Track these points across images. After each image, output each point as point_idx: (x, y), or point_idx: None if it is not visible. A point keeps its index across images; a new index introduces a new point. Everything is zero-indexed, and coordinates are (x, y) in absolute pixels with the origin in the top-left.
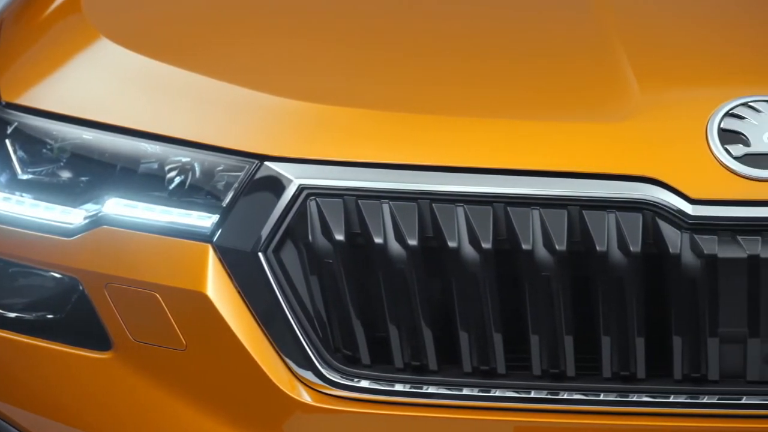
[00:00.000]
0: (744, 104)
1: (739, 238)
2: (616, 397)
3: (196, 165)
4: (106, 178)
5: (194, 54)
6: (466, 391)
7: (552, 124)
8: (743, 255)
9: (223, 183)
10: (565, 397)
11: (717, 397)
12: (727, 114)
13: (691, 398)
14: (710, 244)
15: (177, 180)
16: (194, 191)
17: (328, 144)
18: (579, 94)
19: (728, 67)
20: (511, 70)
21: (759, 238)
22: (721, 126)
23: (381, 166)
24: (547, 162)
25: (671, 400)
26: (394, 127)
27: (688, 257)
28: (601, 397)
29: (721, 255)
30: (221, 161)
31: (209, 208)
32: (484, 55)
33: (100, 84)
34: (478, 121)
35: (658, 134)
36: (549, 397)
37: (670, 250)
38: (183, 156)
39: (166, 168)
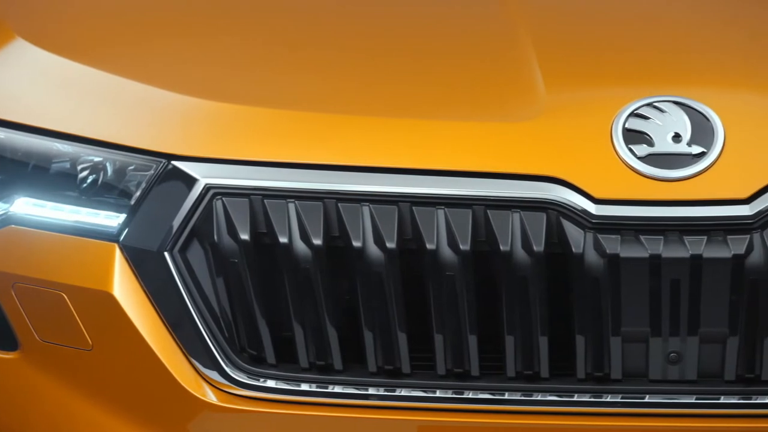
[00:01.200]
0: (649, 104)
1: (642, 237)
2: (520, 396)
3: (107, 165)
4: (17, 178)
5: (108, 54)
6: (371, 391)
7: (458, 124)
8: (645, 255)
9: (133, 183)
10: (470, 396)
11: (620, 396)
12: (632, 114)
13: (595, 397)
14: (613, 244)
15: (89, 179)
16: (105, 191)
17: (236, 143)
18: (486, 93)
19: (635, 67)
20: (419, 68)
21: (661, 237)
22: (626, 126)
23: (287, 165)
24: (452, 162)
25: (575, 399)
26: (300, 127)
27: (592, 257)
28: (506, 396)
29: (623, 255)
30: (132, 161)
31: (117, 208)
32: (394, 54)
33: (12, 83)
34: (385, 120)
35: (563, 134)
36: (454, 396)
37: (574, 249)
38: (95, 156)
39: (78, 167)
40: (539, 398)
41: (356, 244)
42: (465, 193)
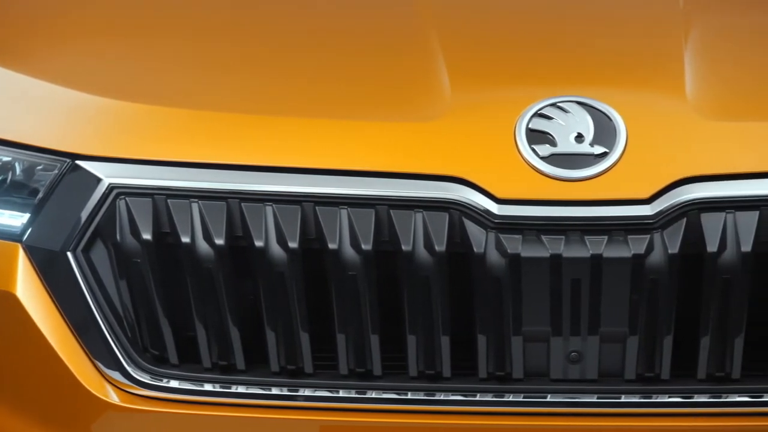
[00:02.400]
0: (552, 104)
1: (543, 237)
2: (423, 396)
3: (16, 164)
4: None
5: (18, 52)
6: (275, 391)
7: (362, 123)
8: (546, 254)
9: (40, 183)
10: (373, 396)
11: (522, 395)
12: (536, 114)
13: (497, 396)
14: (514, 244)
15: None
16: (13, 190)
17: (140, 143)
18: (391, 93)
19: (540, 67)
20: (325, 67)
21: (562, 237)
22: (529, 126)
23: (191, 165)
24: (355, 161)
25: (477, 398)
26: (205, 127)
27: (493, 256)
28: (409, 396)
29: (524, 254)
30: (40, 161)
31: (22, 208)
32: (301, 52)
33: None
34: (288, 120)
35: (467, 134)
36: (356, 396)
37: (475, 249)
38: (3, 155)
39: None
40: (442, 398)
41: (258, 243)
42: (368, 193)
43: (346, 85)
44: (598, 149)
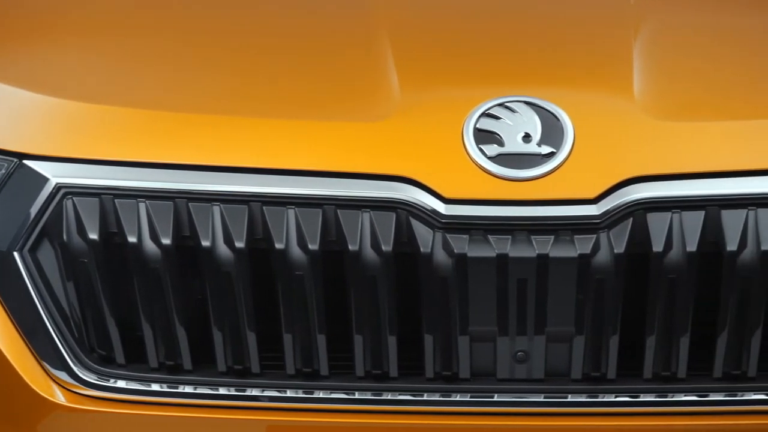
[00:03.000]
0: (500, 104)
1: (490, 237)
2: (370, 395)
3: None
4: None
5: None
6: (222, 391)
7: (311, 123)
8: (492, 254)
9: None
10: (321, 396)
11: (469, 395)
12: (484, 114)
13: (444, 396)
14: (461, 244)
15: None
16: None
17: (87, 143)
18: (340, 93)
19: (489, 67)
20: (276, 66)
21: (509, 237)
22: (477, 126)
23: (139, 165)
24: (303, 161)
25: (424, 398)
26: (153, 126)
27: (440, 256)
28: (356, 396)
29: (471, 254)
30: None
31: None
32: (252, 51)
33: None
34: (237, 119)
35: (415, 134)
36: (304, 396)
37: (422, 249)
38: None
39: None
40: (389, 398)
41: (205, 243)
42: (315, 192)
43: (296, 85)
44: (546, 149)
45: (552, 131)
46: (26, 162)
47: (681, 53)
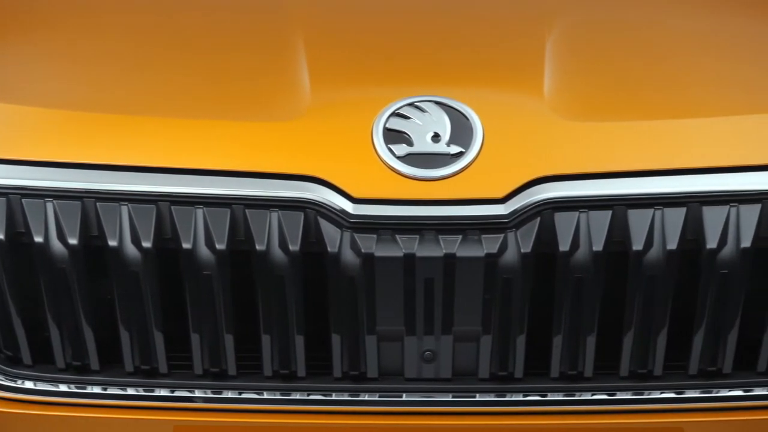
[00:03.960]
0: (410, 104)
1: (398, 237)
2: (279, 395)
3: None
4: None
5: None
6: (130, 391)
7: (221, 123)
8: (399, 254)
9: None
10: (229, 396)
11: (378, 394)
12: (394, 114)
13: (353, 396)
14: (368, 243)
15: None
16: None
17: None
18: (252, 92)
19: (401, 68)
20: (187, 66)
21: (417, 236)
22: (387, 126)
23: (46, 164)
24: (212, 161)
25: (333, 398)
26: (59, 126)
27: (348, 256)
28: (264, 396)
29: (378, 254)
30: None
31: None
32: (164, 51)
33: None
34: (144, 119)
35: (325, 134)
36: (212, 396)
37: (329, 248)
38: None
39: None
40: (297, 397)
41: (113, 243)
42: (224, 192)
43: (207, 85)
44: (455, 149)
45: (461, 131)
46: None
47: (594, 53)
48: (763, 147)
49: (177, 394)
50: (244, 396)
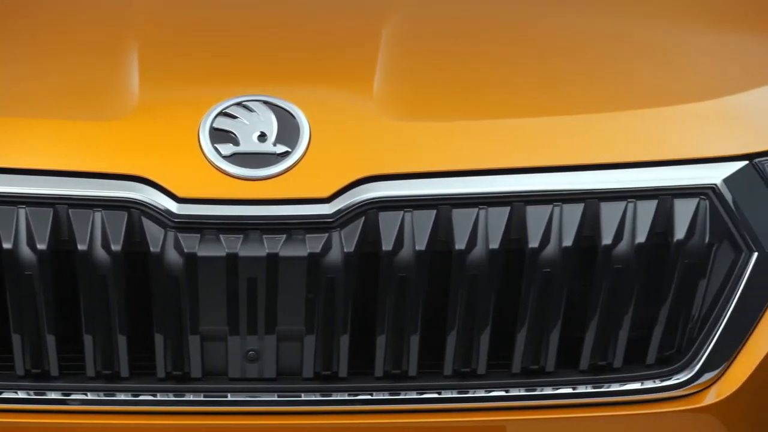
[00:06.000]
0: (238, 104)
1: (222, 236)
2: (101, 396)
3: None
4: None
5: None
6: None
7: (45, 122)
8: (222, 253)
9: None
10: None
11: (202, 394)
12: (221, 113)
13: (177, 396)
14: (191, 242)
15: None
16: None
17: None
18: (80, 91)
19: (231, 67)
20: (17, 64)
21: (241, 236)
22: (214, 125)
23: None
24: (36, 160)
25: (158, 398)
26: None
27: (171, 255)
28: (88, 396)
29: (201, 254)
30: None
31: None
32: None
33: None
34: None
35: (152, 133)
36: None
37: (152, 248)
38: None
39: None
40: (121, 398)
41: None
42: (47, 192)
43: (35, 83)
44: (281, 148)
45: (288, 130)
46: None
47: (429, 51)
48: (595, 147)
49: (74, 397)
50: (69, 397)
